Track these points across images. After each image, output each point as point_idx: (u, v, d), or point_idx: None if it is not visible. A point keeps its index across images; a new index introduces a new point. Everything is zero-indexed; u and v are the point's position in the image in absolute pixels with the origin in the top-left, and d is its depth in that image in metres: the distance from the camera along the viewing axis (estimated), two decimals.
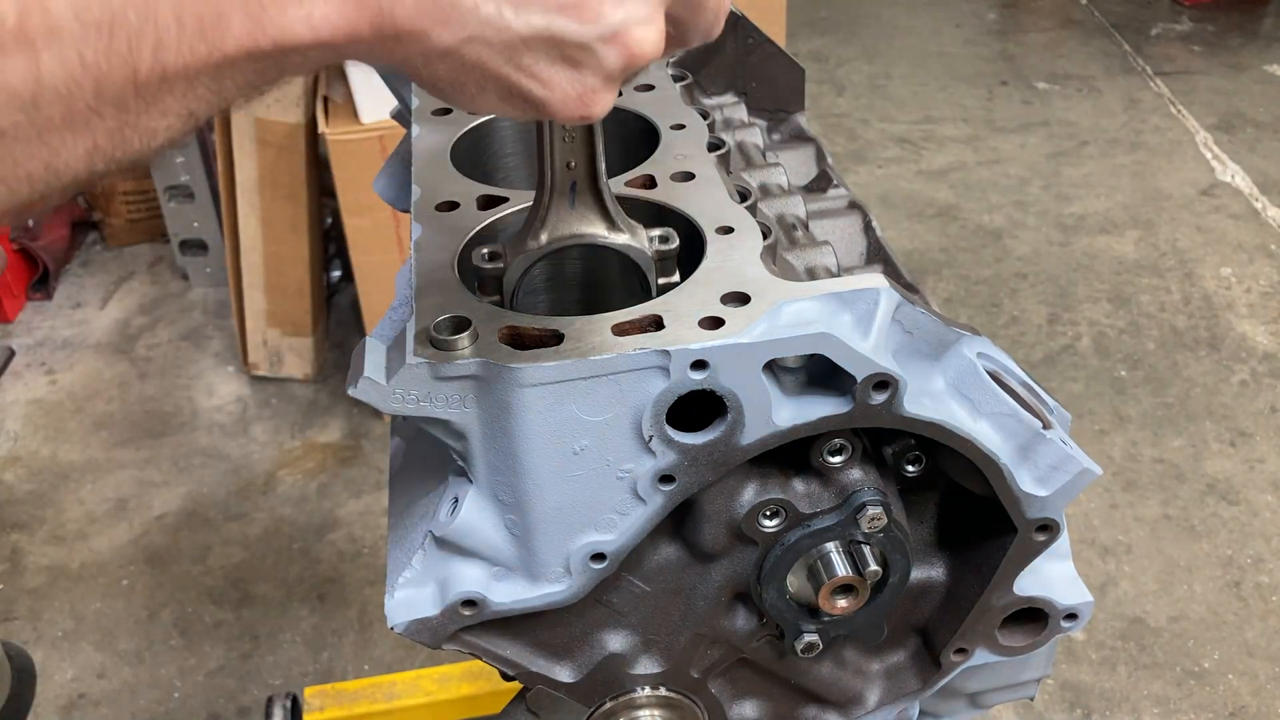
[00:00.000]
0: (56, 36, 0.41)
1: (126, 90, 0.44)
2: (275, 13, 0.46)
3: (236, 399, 3.18)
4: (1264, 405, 3.08)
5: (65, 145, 0.44)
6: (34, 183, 0.44)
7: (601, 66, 0.53)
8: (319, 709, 1.96)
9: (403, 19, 0.49)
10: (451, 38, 0.50)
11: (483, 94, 0.54)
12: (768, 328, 0.74)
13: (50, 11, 0.41)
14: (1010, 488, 0.84)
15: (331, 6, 0.47)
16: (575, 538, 0.82)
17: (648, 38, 0.53)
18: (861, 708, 1.03)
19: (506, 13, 0.50)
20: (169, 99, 0.46)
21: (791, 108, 1.33)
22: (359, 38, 0.49)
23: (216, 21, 0.44)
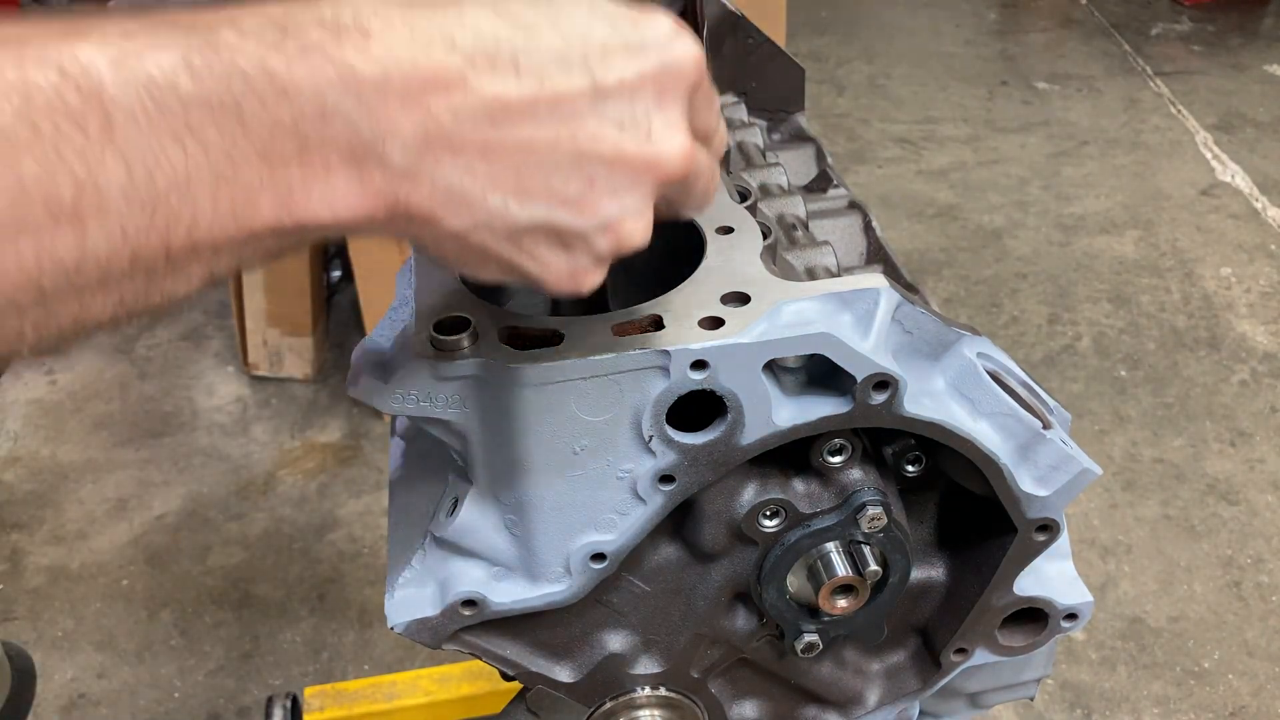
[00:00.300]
0: (104, 214, 0.45)
1: (158, 260, 0.48)
2: (301, 197, 0.51)
3: (236, 399, 3.18)
4: (1264, 405, 3.08)
5: (95, 302, 0.48)
6: (63, 333, 0.49)
7: (593, 251, 0.59)
8: (319, 709, 1.96)
9: (416, 206, 0.54)
10: (460, 224, 0.55)
11: (484, 268, 0.59)
12: (768, 328, 0.74)
13: (102, 191, 0.45)
14: (1010, 488, 0.84)
15: (353, 193, 0.52)
16: (575, 538, 0.82)
17: (638, 228, 0.59)
18: (861, 708, 1.03)
19: (512, 205, 0.55)
20: (194, 266, 0.50)
21: (791, 108, 1.33)
22: (375, 220, 0.53)
23: (247, 204, 0.49)
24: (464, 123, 0.53)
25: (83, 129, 0.44)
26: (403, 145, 0.52)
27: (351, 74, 0.51)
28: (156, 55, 0.47)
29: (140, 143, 0.46)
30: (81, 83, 0.45)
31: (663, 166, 0.58)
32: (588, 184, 0.57)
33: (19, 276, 0.45)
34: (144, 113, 0.46)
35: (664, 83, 0.58)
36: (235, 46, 0.49)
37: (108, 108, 0.45)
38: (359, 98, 0.51)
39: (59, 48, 0.45)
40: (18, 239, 0.44)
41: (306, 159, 0.50)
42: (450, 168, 0.54)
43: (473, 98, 0.53)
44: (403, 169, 0.53)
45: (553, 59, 0.55)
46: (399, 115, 0.52)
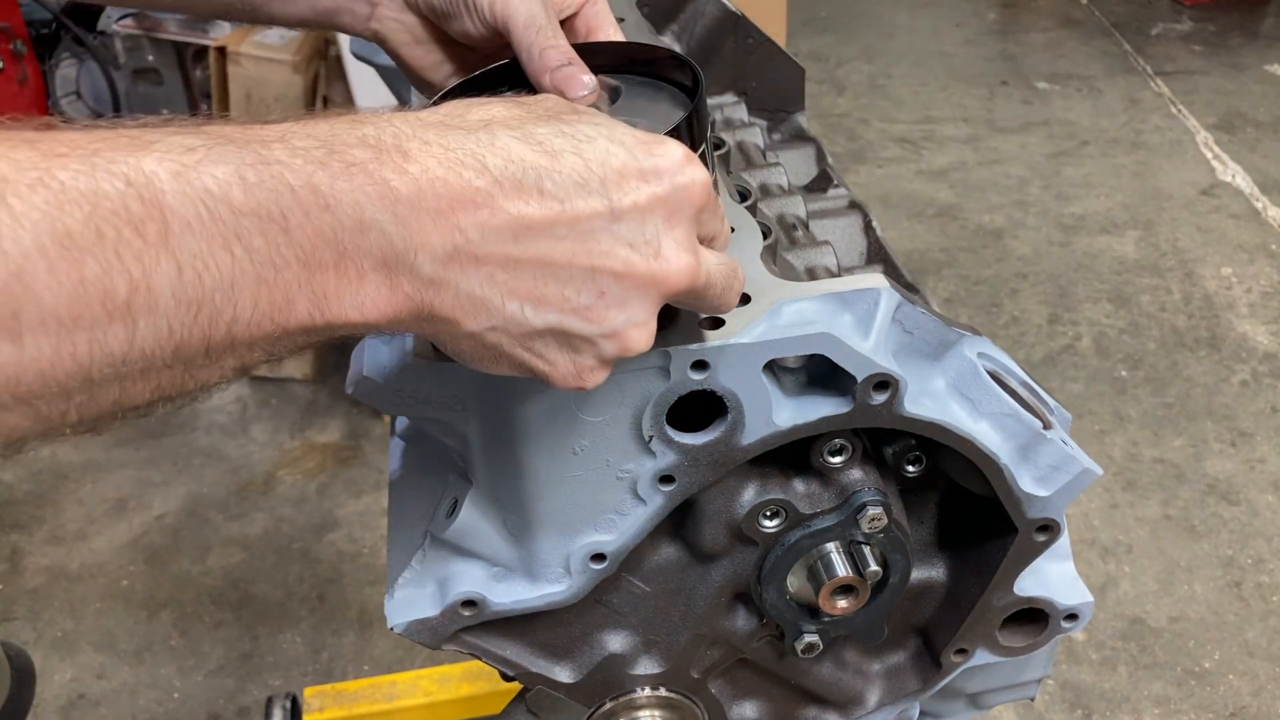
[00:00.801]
0: (154, 311, 0.49)
1: (198, 353, 0.52)
2: (335, 300, 0.55)
3: (236, 399, 3.18)
4: (1264, 405, 3.08)
5: (136, 389, 0.52)
6: (102, 415, 0.52)
7: (599, 354, 0.64)
8: (319, 709, 1.96)
9: (439, 309, 0.58)
10: (477, 326, 0.60)
11: (496, 365, 0.64)
12: (768, 328, 0.74)
13: (154, 291, 0.48)
14: (1010, 488, 0.84)
15: (382, 299, 0.57)
16: (575, 538, 0.82)
17: (641, 337, 0.64)
18: (862, 708, 1.03)
19: (527, 311, 0.60)
20: (229, 359, 0.54)
21: (791, 107, 1.33)
22: (400, 322, 0.58)
23: (285, 305, 0.53)
24: (489, 238, 0.58)
25: (142, 234, 0.48)
26: (431, 257, 0.57)
27: (389, 191, 0.55)
28: (213, 169, 0.51)
29: (192, 247, 0.49)
30: (145, 193, 0.48)
31: (669, 282, 0.63)
32: (598, 295, 0.62)
33: (72, 366, 0.48)
34: (198, 221, 0.50)
35: (673, 205, 0.63)
36: (285, 163, 0.53)
37: (166, 215, 0.49)
38: (394, 213, 0.55)
39: (126, 159, 0.49)
40: (74, 333, 0.47)
41: (342, 266, 0.55)
42: (473, 277, 0.58)
43: (498, 216, 0.58)
44: (430, 278, 0.57)
45: (573, 184, 0.61)
46: (430, 230, 0.56)
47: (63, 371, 0.48)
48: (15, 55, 3.58)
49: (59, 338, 0.47)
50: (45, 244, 0.46)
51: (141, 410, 0.54)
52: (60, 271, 0.46)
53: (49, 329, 0.46)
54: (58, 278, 0.46)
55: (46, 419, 0.50)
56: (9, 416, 0.48)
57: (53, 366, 0.47)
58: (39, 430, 0.51)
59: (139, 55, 3.49)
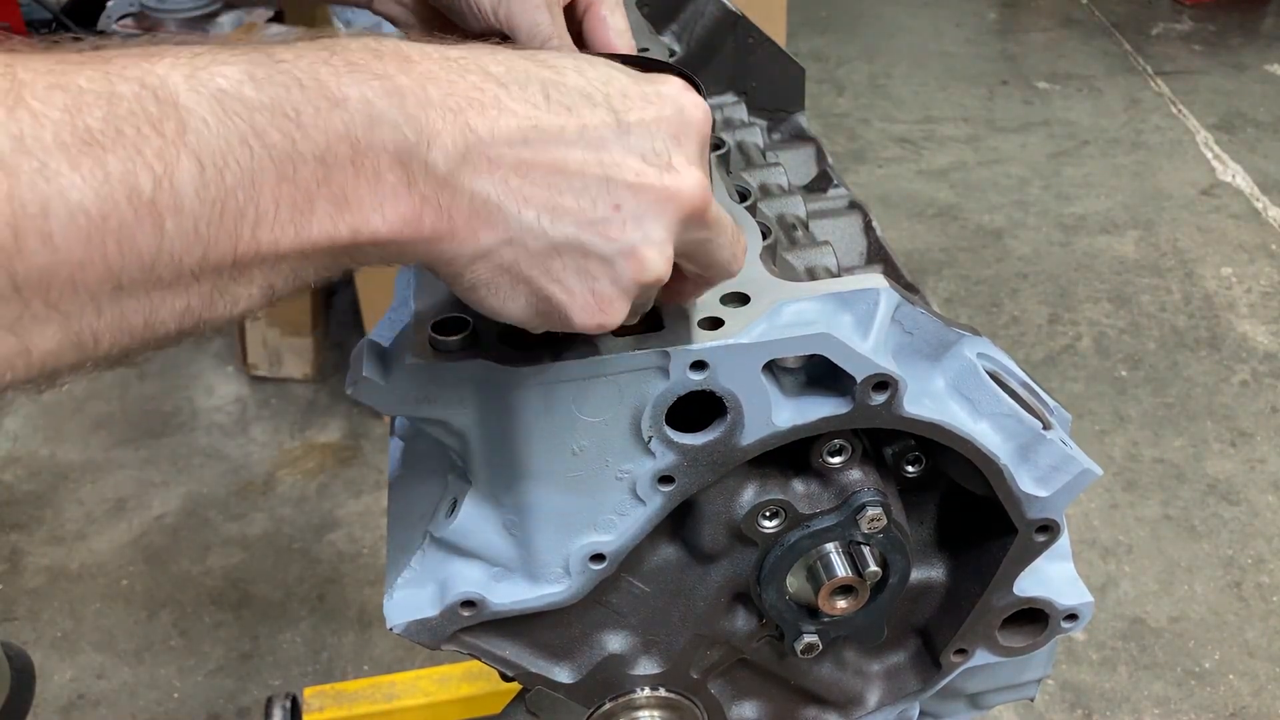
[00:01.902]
0: (180, 210, 0.49)
1: (225, 260, 0.51)
2: (355, 203, 0.54)
3: (236, 399, 3.18)
4: (1265, 405, 3.08)
5: (165, 303, 0.51)
6: (133, 336, 0.51)
7: (617, 279, 0.62)
8: (318, 709, 1.96)
9: (457, 217, 0.57)
10: (493, 238, 0.58)
11: (513, 296, 0.62)
12: (767, 328, 0.74)
13: (178, 188, 0.48)
14: (1010, 488, 0.84)
15: (401, 199, 0.55)
16: (574, 538, 0.82)
17: (659, 258, 0.62)
18: (861, 708, 1.02)
19: (544, 220, 0.59)
20: (256, 272, 0.54)
21: (791, 107, 1.33)
22: (421, 234, 0.57)
23: (306, 208, 0.53)
24: (499, 139, 0.57)
25: (160, 132, 0.48)
26: (444, 154, 0.56)
27: (395, 86, 0.55)
28: (223, 68, 0.51)
29: (211, 144, 0.50)
30: (160, 93, 0.49)
31: (683, 197, 0.62)
32: (613, 208, 0.60)
33: (102, 268, 0.48)
34: (214, 117, 0.50)
35: (679, 127, 0.63)
36: (291, 61, 0.54)
37: (182, 114, 0.49)
38: (403, 108, 0.55)
39: (138, 64, 0.50)
40: (103, 231, 0.47)
41: (359, 162, 0.54)
42: (487, 181, 0.57)
43: (507, 118, 0.58)
44: (444, 177, 0.56)
45: (579, 94, 0.60)
46: (440, 126, 0.56)
47: (94, 274, 0.48)
48: None
49: (89, 236, 0.47)
50: (67, 141, 0.46)
51: (172, 336, 0.53)
52: (84, 167, 0.46)
53: (78, 226, 0.46)
54: (82, 173, 0.46)
55: (78, 338, 0.49)
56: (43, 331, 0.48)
57: (84, 268, 0.47)
58: (72, 355, 0.50)
59: None
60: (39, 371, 0.49)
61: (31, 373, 0.49)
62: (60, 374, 0.51)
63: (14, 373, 0.48)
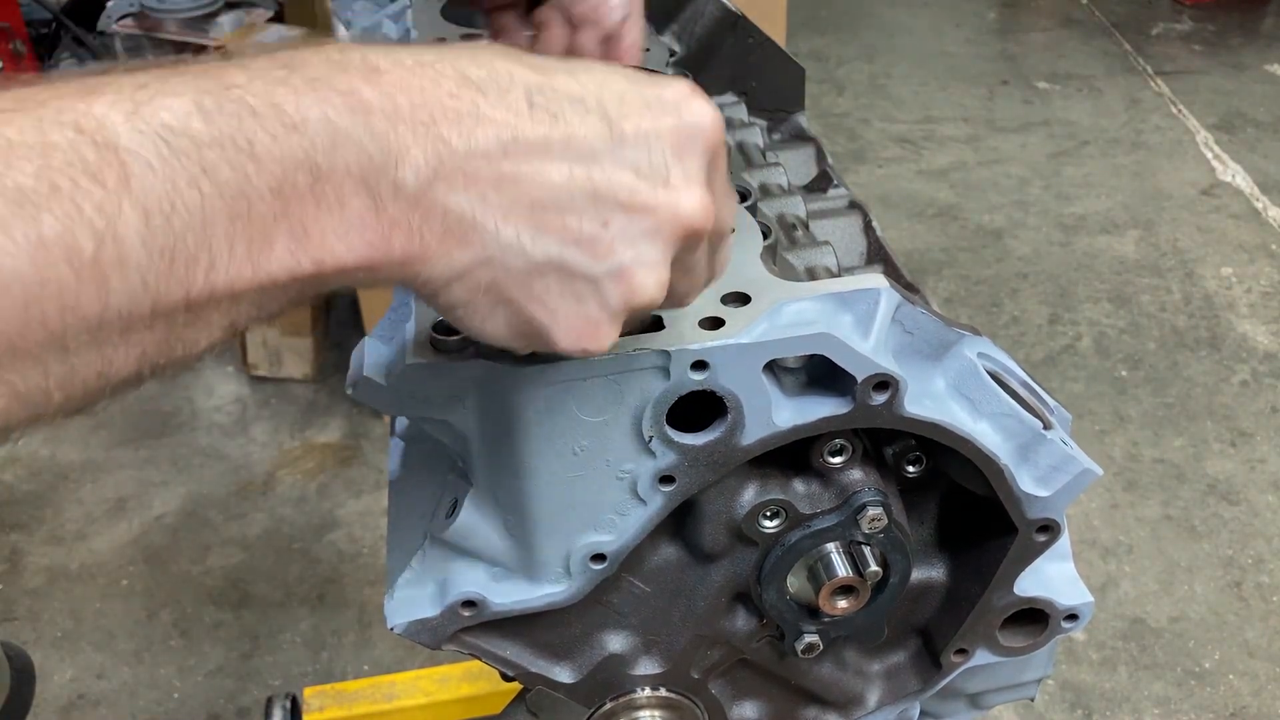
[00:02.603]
0: (124, 265, 0.45)
1: (178, 308, 0.48)
2: (317, 235, 0.50)
3: (236, 399, 3.18)
4: (1265, 405, 3.08)
5: (118, 355, 0.48)
6: (88, 390, 0.48)
7: (605, 302, 0.57)
8: (318, 709, 1.95)
9: (430, 237, 0.53)
10: (470, 258, 0.54)
11: (492, 317, 0.57)
12: (768, 328, 0.74)
13: (122, 242, 0.45)
14: (1011, 488, 0.84)
15: (367, 225, 0.51)
16: (575, 538, 0.82)
17: (650, 281, 0.57)
18: (862, 708, 1.02)
19: (524, 238, 0.54)
20: (214, 314, 0.50)
21: (791, 107, 1.33)
22: (391, 259, 0.52)
23: (264, 243, 0.49)
24: (476, 152, 0.53)
25: (100, 182, 0.45)
26: (415, 171, 0.51)
27: (359, 102, 0.51)
28: (169, 101, 0.47)
29: (156, 189, 0.46)
30: (98, 137, 0.45)
31: (681, 217, 0.57)
32: (602, 226, 0.55)
33: (43, 333, 0.45)
34: (159, 159, 0.46)
35: (682, 138, 0.57)
36: (243, 85, 0.49)
37: (123, 158, 0.45)
38: (368, 124, 0.51)
39: (74, 105, 0.46)
40: (42, 297, 0.44)
41: (319, 190, 0.50)
42: (463, 196, 0.53)
43: (485, 128, 0.53)
44: (415, 196, 0.52)
45: (568, 99, 0.55)
46: (410, 142, 0.51)
47: (34, 340, 0.44)
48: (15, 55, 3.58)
49: (25, 304, 0.43)
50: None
51: (130, 382, 0.50)
52: (16, 231, 0.43)
53: (13, 295, 0.43)
54: (14, 238, 0.43)
55: (27, 398, 0.46)
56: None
57: (22, 336, 0.44)
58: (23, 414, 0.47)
59: (139, 55, 3.49)
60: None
61: None
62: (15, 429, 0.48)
63: None
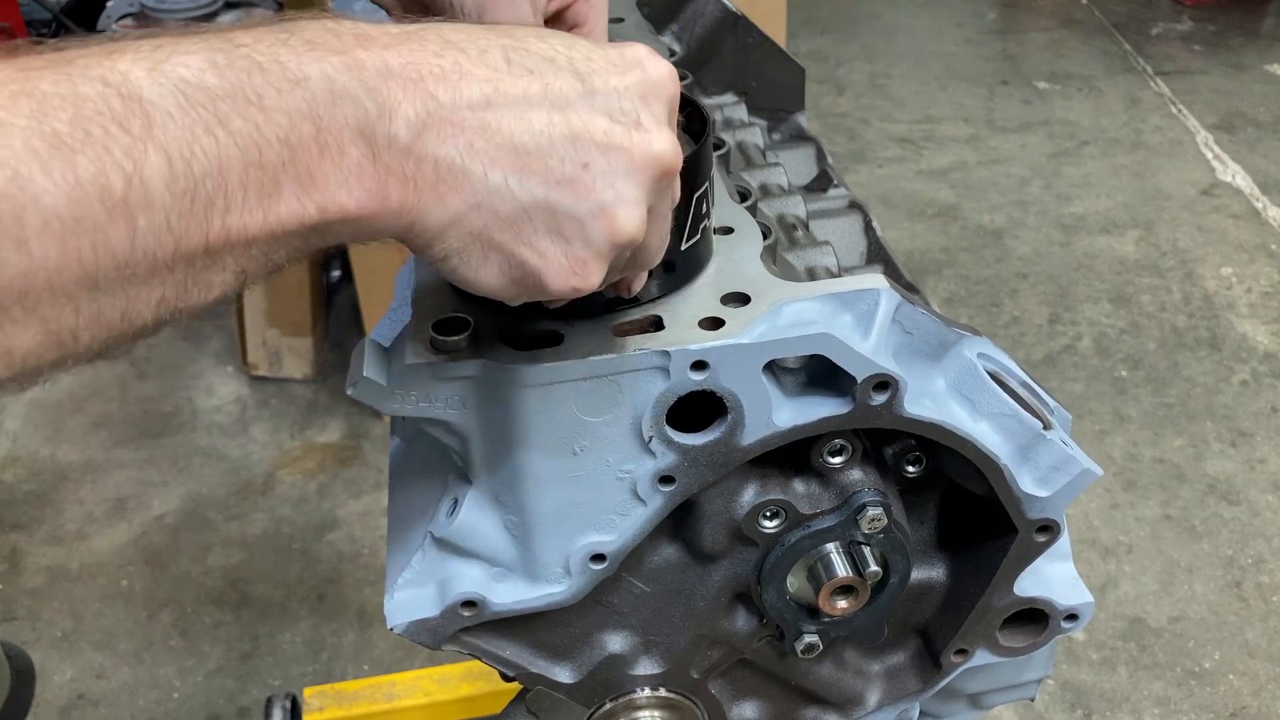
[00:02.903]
0: (151, 205, 0.49)
1: (198, 249, 0.52)
2: (321, 181, 0.55)
3: (236, 399, 3.18)
4: (1265, 405, 3.08)
5: (140, 296, 0.52)
6: (111, 331, 0.52)
7: (590, 240, 0.61)
8: (318, 709, 1.96)
9: (423, 185, 0.57)
10: (461, 203, 0.58)
11: (486, 264, 0.61)
12: (768, 328, 0.74)
13: (148, 184, 0.49)
14: (1010, 488, 0.84)
15: (366, 173, 0.56)
16: (575, 538, 0.82)
17: (632, 217, 0.61)
18: (862, 708, 1.02)
19: (511, 181, 0.58)
20: (228, 258, 0.54)
21: (791, 107, 1.33)
22: (388, 206, 0.57)
23: (273, 190, 0.53)
24: (462, 103, 0.57)
25: (127, 129, 0.49)
26: (407, 123, 0.56)
27: (355, 60, 0.56)
28: (184, 58, 0.52)
29: (177, 136, 0.50)
30: (123, 89, 0.49)
31: (653, 155, 0.61)
32: (582, 167, 0.60)
33: (78, 271, 0.48)
34: (179, 109, 0.50)
35: (646, 88, 0.63)
36: (250, 45, 0.54)
37: (147, 109, 0.50)
38: (364, 82, 0.55)
39: (100, 62, 0.50)
40: (78, 234, 0.47)
41: (322, 140, 0.54)
42: (452, 145, 0.57)
43: (469, 82, 0.58)
44: (407, 146, 0.56)
45: (542, 58, 0.61)
46: (401, 97, 0.56)
47: (70, 277, 0.48)
48: None
49: (63, 240, 0.47)
50: (36, 147, 0.46)
51: (150, 327, 0.54)
52: (55, 172, 0.46)
53: (53, 231, 0.47)
54: (54, 179, 0.46)
55: (58, 337, 0.50)
56: (22, 334, 0.48)
57: (59, 272, 0.48)
58: (52, 353, 0.51)
59: None
60: (20, 370, 0.50)
61: (13, 371, 0.50)
62: (41, 371, 0.52)
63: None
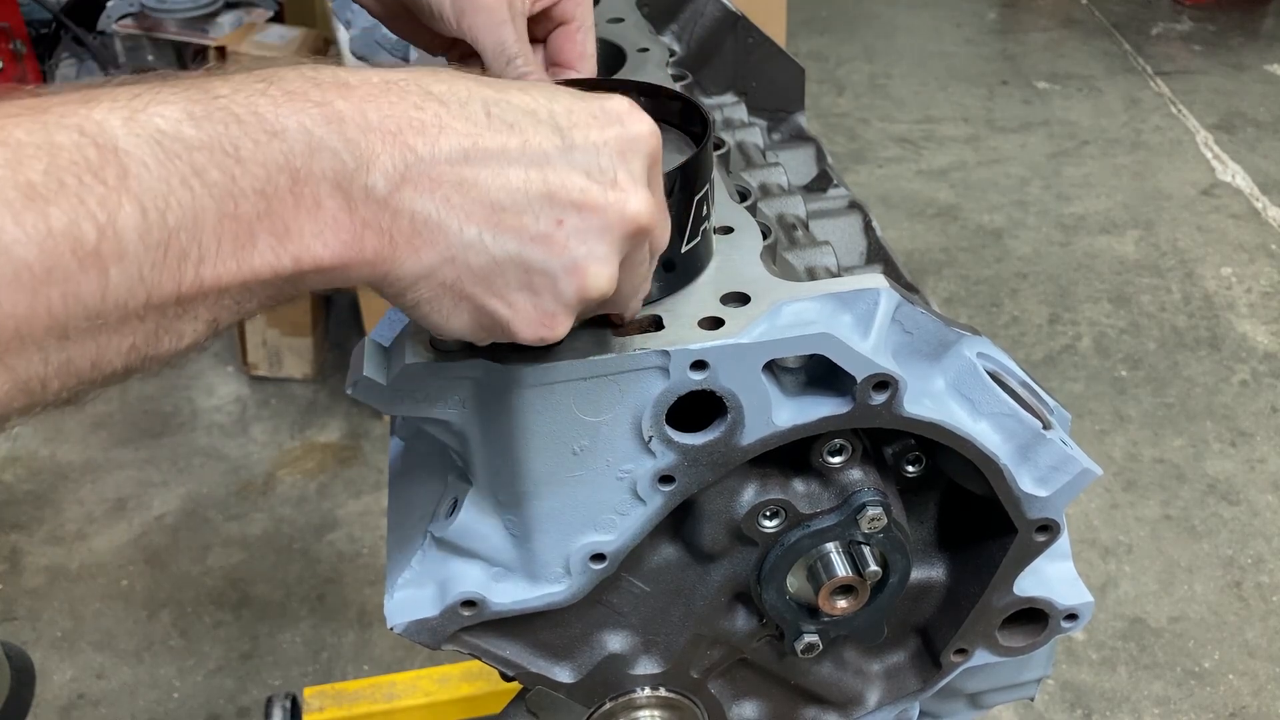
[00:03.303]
0: (124, 256, 0.49)
1: (170, 299, 0.52)
2: (296, 233, 0.55)
3: (236, 399, 3.18)
4: (1264, 405, 3.08)
5: (111, 345, 0.51)
6: (80, 379, 0.52)
7: (560, 295, 0.62)
8: (318, 709, 1.96)
9: (399, 238, 0.58)
10: (436, 257, 0.59)
11: (456, 313, 0.62)
12: (767, 328, 0.74)
13: (121, 235, 0.49)
14: (1010, 488, 0.84)
15: (342, 225, 0.56)
16: (575, 538, 0.82)
17: (601, 274, 0.62)
18: (861, 708, 1.02)
19: (485, 237, 0.59)
20: (200, 308, 0.54)
21: (791, 107, 1.33)
22: (364, 258, 0.57)
23: (248, 241, 0.53)
24: (440, 157, 0.58)
25: (102, 179, 0.48)
26: (384, 175, 0.56)
27: (334, 113, 0.56)
28: (161, 108, 0.52)
29: (152, 187, 0.50)
30: (99, 139, 0.49)
31: (628, 215, 0.62)
32: (556, 224, 0.60)
33: (48, 320, 0.48)
34: (154, 160, 0.50)
35: (625, 145, 0.63)
36: (228, 96, 0.54)
37: (122, 159, 0.49)
38: (342, 133, 0.56)
39: (76, 111, 0.50)
40: (49, 284, 0.47)
41: (298, 192, 0.54)
42: (428, 200, 0.58)
43: (448, 136, 0.58)
44: (384, 199, 0.57)
45: (523, 112, 0.61)
46: (379, 149, 0.56)
47: (39, 326, 0.48)
48: (15, 55, 3.57)
49: (34, 290, 0.47)
50: (10, 197, 0.46)
51: (119, 374, 0.54)
52: (27, 223, 0.46)
53: (23, 282, 0.46)
54: (25, 229, 0.46)
55: (26, 386, 0.49)
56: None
57: (29, 321, 0.47)
58: (20, 401, 0.50)
59: (139, 55, 3.49)
60: None
61: None
62: (8, 419, 0.51)
63: None
